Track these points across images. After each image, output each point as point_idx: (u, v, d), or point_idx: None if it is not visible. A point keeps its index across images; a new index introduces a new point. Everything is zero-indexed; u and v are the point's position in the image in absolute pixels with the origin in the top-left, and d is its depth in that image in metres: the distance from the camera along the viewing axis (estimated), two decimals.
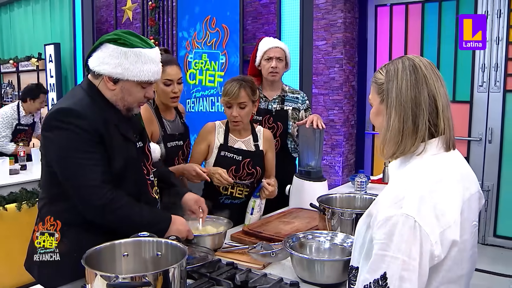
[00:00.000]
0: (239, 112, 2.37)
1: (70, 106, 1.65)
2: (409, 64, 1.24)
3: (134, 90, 1.75)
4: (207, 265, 1.67)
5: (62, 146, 1.63)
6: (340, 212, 1.99)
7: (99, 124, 1.66)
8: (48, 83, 6.99)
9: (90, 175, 1.63)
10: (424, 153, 1.22)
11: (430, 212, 1.10)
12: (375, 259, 1.10)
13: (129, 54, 1.69)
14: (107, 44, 1.71)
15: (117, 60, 1.68)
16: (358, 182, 2.84)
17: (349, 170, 4.57)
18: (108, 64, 1.68)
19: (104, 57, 1.69)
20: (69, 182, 1.66)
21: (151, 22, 5.71)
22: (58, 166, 1.67)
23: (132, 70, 1.69)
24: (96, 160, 1.65)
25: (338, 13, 4.30)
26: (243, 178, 2.44)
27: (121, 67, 1.68)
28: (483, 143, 4.05)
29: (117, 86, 1.72)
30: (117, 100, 1.76)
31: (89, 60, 1.74)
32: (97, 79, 1.74)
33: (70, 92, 1.85)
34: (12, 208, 3.56)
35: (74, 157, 1.62)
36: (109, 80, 1.71)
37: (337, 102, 4.40)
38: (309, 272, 1.63)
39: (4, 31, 8.74)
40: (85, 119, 1.63)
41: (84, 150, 1.63)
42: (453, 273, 1.17)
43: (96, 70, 1.71)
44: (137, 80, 1.72)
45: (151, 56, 1.73)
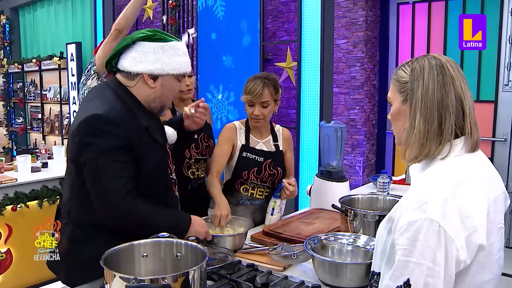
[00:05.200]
0: (261, 111, 2.33)
1: (105, 113, 1.63)
2: (436, 64, 1.19)
3: (173, 84, 1.78)
4: (227, 267, 1.66)
5: (95, 153, 1.62)
6: (363, 213, 1.95)
7: (131, 129, 1.66)
8: (70, 81, 7.07)
9: (116, 183, 1.62)
10: (448, 155, 1.18)
11: (455, 216, 1.06)
12: (398, 265, 1.07)
13: (166, 48, 1.71)
14: (140, 43, 1.71)
15: (155, 55, 1.70)
16: (380, 183, 2.79)
17: (369, 170, 4.52)
18: (146, 61, 1.70)
19: (141, 56, 1.70)
20: (94, 188, 1.65)
21: (171, 21, 5.72)
22: (86, 170, 1.65)
23: (171, 63, 1.72)
24: (123, 168, 1.64)
25: (359, 11, 4.24)
26: (265, 180, 2.41)
27: (160, 62, 1.70)
28: (508, 143, 3.95)
29: (157, 83, 1.74)
30: (155, 98, 1.76)
31: (121, 63, 1.73)
32: (132, 80, 1.73)
33: (98, 92, 1.81)
34: (34, 205, 3.60)
35: (104, 164, 1.61)
36: (149, 78, 1.72)
37: (358, 101, 4.34)
38: (331, 275, 1.60)
39: (27, 30, 8.88)
40: (119, 126, 1.63)
41: (115, 159, 1.62)
42: (480, 278, 1.13)
43: (134, 70, 1.71)
44: (176, 73, 1.75)
45: (184, 49, 1.78)
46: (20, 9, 8.98)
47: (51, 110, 8.11)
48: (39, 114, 8.33)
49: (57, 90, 7.66)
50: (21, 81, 8.84)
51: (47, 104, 8.09)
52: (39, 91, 8.19)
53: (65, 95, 7.43)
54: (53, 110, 8.05)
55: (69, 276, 1.75)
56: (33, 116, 8.63)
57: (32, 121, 8.67)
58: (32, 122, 8.68)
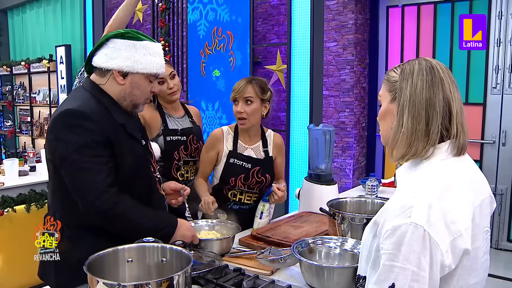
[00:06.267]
0: (244, 108, 2.33)
1: (78, 108, 1.64)
2: (426, 65, 1.21)
3: (143, 84, 1.77)
4: (213, 271, 1.64)
5: (69, 148, 1.61)
6: (351, 217, 1.95)
7: (107, 125, 1.66)
8: (59, 84, 7.01)
9: (96, 178, 1.61)
10: (433, 157, 1.18)
11: (439, 221, 1.06)
12: (383, 270, 1.06)
13: (138, 47, 1.71)
14: (113, 40, 1.71)
15: (126, 53, 1.70)
16: (369, 186, 2.79)
17: (359, 173, 4.52)
18: (117, 58, 1.70)
19: (113, 52, 1.70)
20: (74, 185, 1.63)
21: (161, 24, 5.70)
22: (63, 168, 1.64)
23: (141, 62, 1.72)
24: (102, 163, 1.63)
25: (349, 14, 4.25)
26: (252, 186, 2.39)
27: (130, 60, 1.70)
28: (496, 146, 3.97)
29: (127, 80, 1.73)
30: (125, 96, 1.76)
31: (94, 60, 1.73)
32: (103, 77, 1.74)
33: (73, 93, 1.84)
34: (21, 209, 3.56)
35: (81, 160, 1.60)
36: (118, 75, 1.71)
37: (348, 104, 4.34)
38: (318, 279, 1.59)
39: (16, 33, 8.81)
40: (93, 121, 1.62)
41: (91, 153, 1.61)
42: (465, 282, 1.13)
43: (105, 66, 1.71)
44: (146, 72, 1.74)
45: (157, 49, 1.77)
46: (9, 11, 8.90)
47: (40, 113, 8.04)
48: (28, 117, 8.25)
49: (46, 93, 7.60)
50: (10, 84, 8.74)
51: (36, 107, 8.02)
52: (28, 94, 8.11)
53: (54, 98, 7.37)
54: (43, 113, 7.98)
55: (59, 280, 1.74)
56: (22, 119, 8.56)
57: (21, 124, 8.59)
58: (21, 125, 8.60)
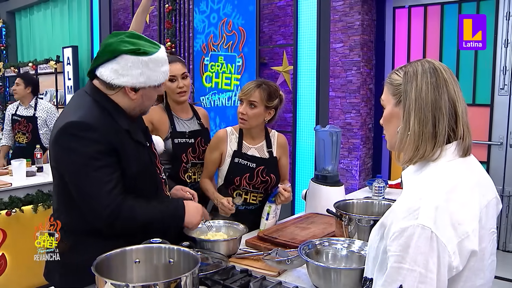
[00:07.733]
0: (247, 110, 2.33)
1: (82, 119, 1.63)
2: (429, 67, 1.20)
3: (153, 93, 1.80)
4: (220, 272, 1.64)
5: (75, 160, 1.62)
6: (358, 218, 1.95)
7: (111, 134, 1.66)
8: (66, 85, 7.05)
9: (102, 190, 1.62)
10: (439, 159, 1.17)
11: (447, 222, 1.06)
12: (391, 272, 1.06)
13: (149, 63, 1.69)
14: (125, 56, 1.66)
15: (139, 70, 1.68)
16: (376, 187, 2.78)
17: (366, 174, 4.51)
18: (129, 75, 1.68)
19: (123, 69, 1.67)
20: (81, 197, 1.65)
21: (167, 25, 5.72)
22: (69, 179, 1.66)
23: (153, 76, 1.72)
24: (107, 174, 1.64)
25: (355, 15, 4.25)
26: (257, 186, 2.40)
27: (143, 76, 1.69)
28: (504, 147, 3.95)
29: (138, 94, 1.74)
30: (135, 107, 1.77)
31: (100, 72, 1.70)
32: (111, 89, 1.72)
33: (76, 100, 1.81)
34: (29, 210, 3.58)
35: (86, 171, 1.61)
36: (130, 90, 1.71)
37: (354, 105, 4.34)
38: (325, 281, 1.59)
39: (23, 34, 8.86)
40: (97, 131, 1.62)
41: (96, 165, 1.62)
42: (472, 283, 1.13)
43: (116, 83, 1.69)
44: (158, 84, 1.76)
45: (164, 57, 1.76)
46: (17, 12, 8.96)
47: None
48: None
49: (53, 94, 7.63)
50: None
51: None
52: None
53: (61, 99, 7.40)
54: None
55: (63, 281, 1.75)
56: None
57: None
58: None
